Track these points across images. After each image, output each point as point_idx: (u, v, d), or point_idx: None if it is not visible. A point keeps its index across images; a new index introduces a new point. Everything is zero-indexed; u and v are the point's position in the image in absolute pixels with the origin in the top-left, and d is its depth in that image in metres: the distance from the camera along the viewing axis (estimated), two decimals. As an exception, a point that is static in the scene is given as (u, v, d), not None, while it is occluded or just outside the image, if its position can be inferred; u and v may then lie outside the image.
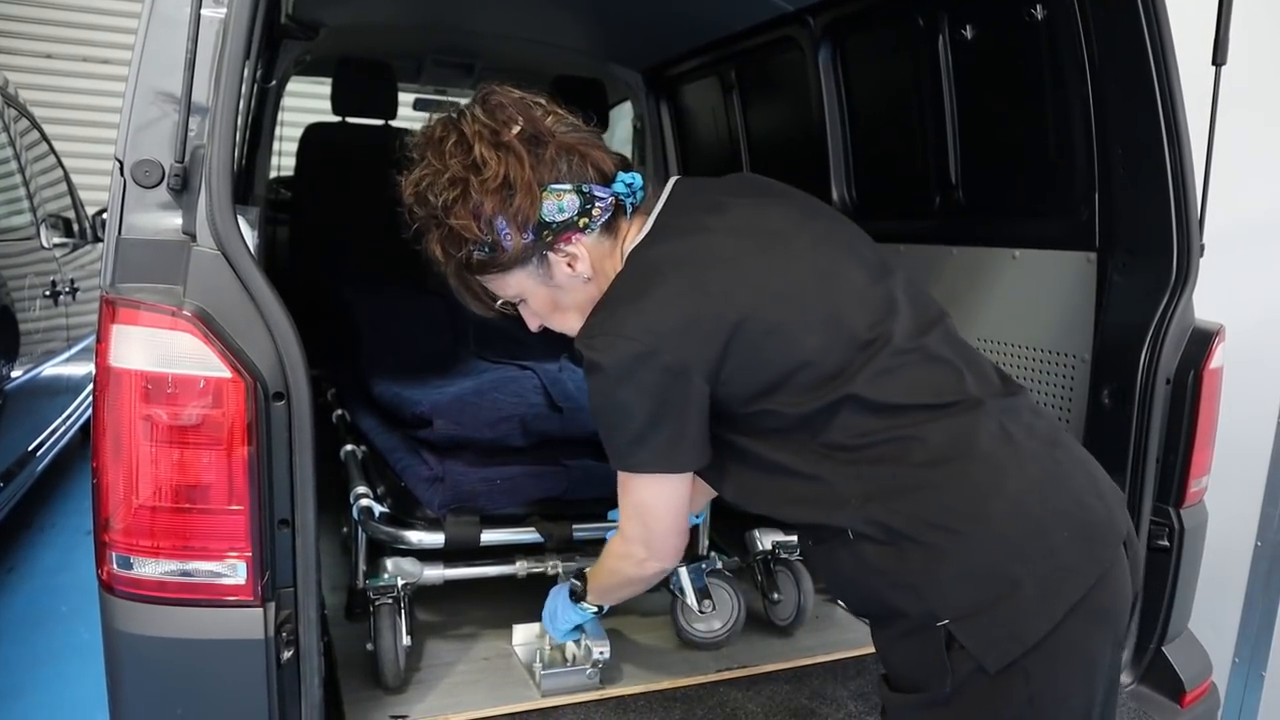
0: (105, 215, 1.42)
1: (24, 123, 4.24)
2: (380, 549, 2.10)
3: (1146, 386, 1.89)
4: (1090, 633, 1.24)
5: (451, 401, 2.19)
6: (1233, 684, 2.87)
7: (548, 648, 2.02)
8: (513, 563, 2.15)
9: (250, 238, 1.42)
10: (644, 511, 1.42)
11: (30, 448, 3.83)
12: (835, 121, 2.90)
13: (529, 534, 2.09)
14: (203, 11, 1.33)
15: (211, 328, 1.35)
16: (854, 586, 1.35)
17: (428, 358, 2.67)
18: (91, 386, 1.42)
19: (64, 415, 4.35)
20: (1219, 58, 1.84)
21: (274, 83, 3.22)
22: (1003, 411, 1.30)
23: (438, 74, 4.13)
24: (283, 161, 3.76)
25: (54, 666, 3.06)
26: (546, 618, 1.92)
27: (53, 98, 6.60)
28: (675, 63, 3.72)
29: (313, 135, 3.77)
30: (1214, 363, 1.92)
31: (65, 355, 4.19)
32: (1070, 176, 2.12)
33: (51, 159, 4.60)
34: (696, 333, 1.28)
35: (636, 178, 1.44)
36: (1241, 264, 2.56)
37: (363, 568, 2.14)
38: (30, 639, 3.24)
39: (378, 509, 2.06)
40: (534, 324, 1.53)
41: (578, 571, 1.85)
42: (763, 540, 2.36)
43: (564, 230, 1.38)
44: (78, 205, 4.79)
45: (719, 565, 2.26)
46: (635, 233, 1.43)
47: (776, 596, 2.31)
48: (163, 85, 1.37)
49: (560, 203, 1.36)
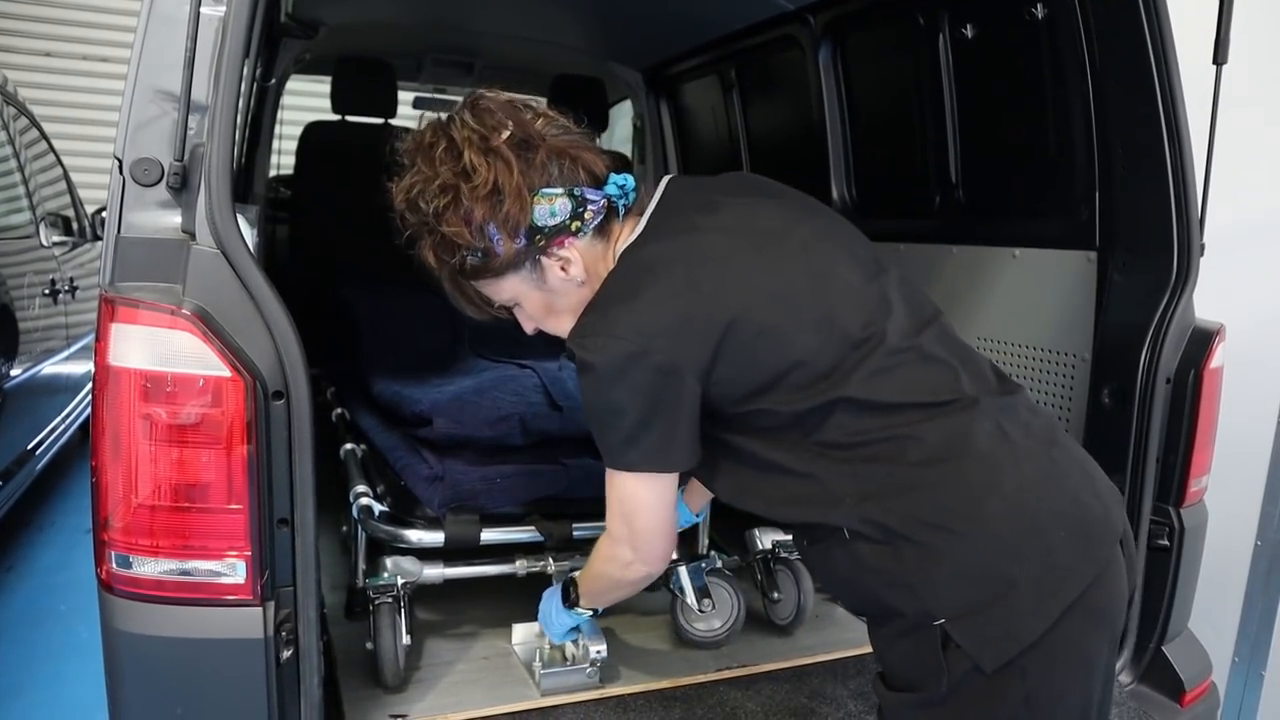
0: (104, 214, 1.42)
1: (23, 121, 4.24)
2: (380, 548, 2.10)
3: (1147, 386, 1.89)
4: (1087, 632, 1.24)
5: (451, 400, 2.19)
6: (1232, 683, 2.87)
7: (547, 647, 2.02)
8: (512, 562, 2.15)
9: (250, 236, 1.42)
10: (630, 510, 1.42)
11: (29, 446, 3.83)
12: (835, 120, 2.90)
13: (529, 533, 2.09)
14: (202, 10, 1.33)
15: (211, 326, 1.34)
16: (850, 585, 1.35)
17: (427, 356, 2.67)
18: (91, 385, 1.42)
19: (63, 414, 4.34)
20: (1220, 57, 1.83)
21: (273, 81, 3.22)
22: (999, 410, 1.30)
23: (437, 73, 4.13)
24: (282, 160, 3.76)
25: (53, 665, 3.06)
26: (542, 619, 1.93)
27: (52, 96, 6.60)
28: (675, 61, 3.72)
29: (312, 134, 3.76)
30: (1214, 362, 1.92)
31: (64, 354, 4.19)
32: (1070, 175, 2.11)
33: (51, 157, 4.60)
34: (688, 333, 1.28)
35: (628, 179, 1.43)
36: (1242, 263, 2.56)
37: (362, 567, 2.14)
38: (29, 638, 3.24)
39: (377, 508, 2.06)
40: (529, 327, 1.54)
41: (569, 576, 1.85)
42: (762, 539, 2.36)
43: (556, 234, 1.37)
44: (77, 204, 4.79)
45: (719, 564, 2.26)
46: (628, 233, 1.42)
47: (776, 596, 2.30)
48: (162, 83, 1.37)
49: (552, 207, 1.36)
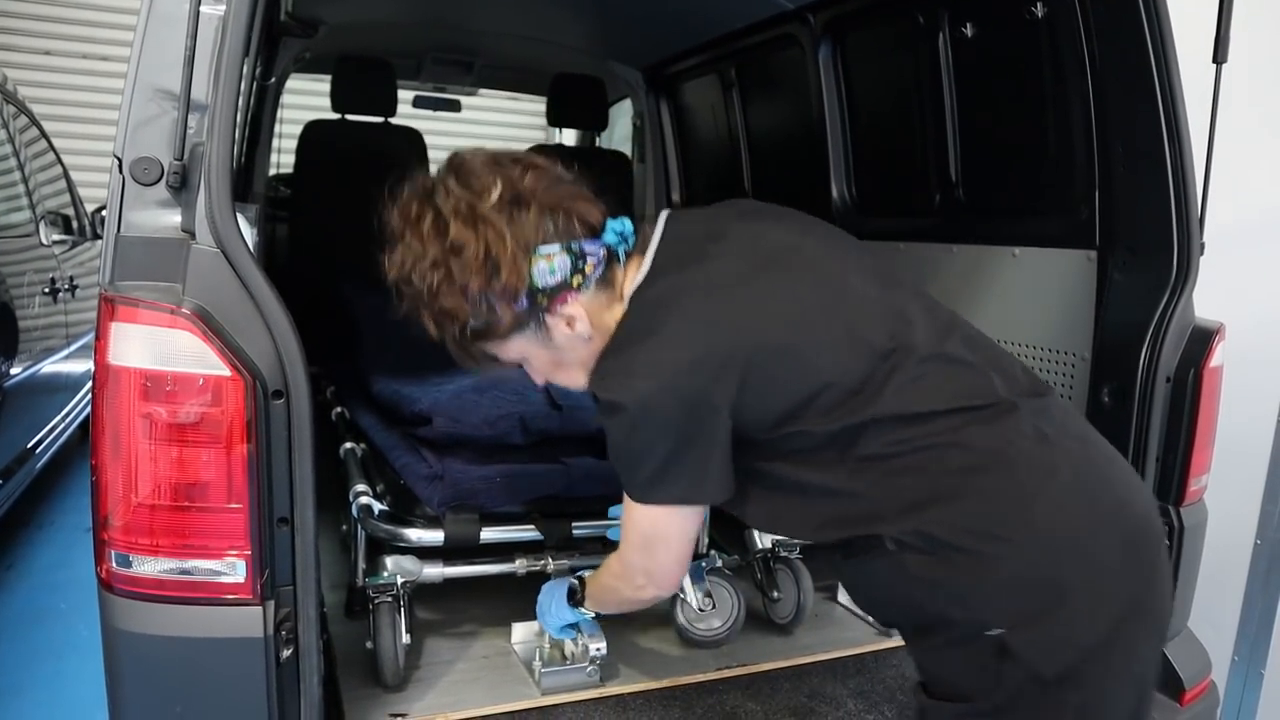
0: (104, 213, 1.42)
1: (23, 120, 4.23)
2: (379, 547, 2.10)
3: (1146, 385, 1.89)
4: (1138, 637, 1.22)
5: (451, 399, 2.19)
6: (1232, 682, 2.87)
7: (547, 646, 2.02)
8: (512, 561, 2.14)
9: (249, 235, 1.41)
10: (650, 541, 1.40)
11: (29, 445, 3.83)
12: (835, 119, 2.89)
13: (528, 532, 2.09)
14: (202, 8, 1.33)
15: (210, 326, 1.34)
16: (891, 598, 1.32)
17: (427, 355, 2.66)
18: (90, 384, 1.42)
19: (63, 413, 4.34)
20: (1220, 56, 1.83)
21: (273, 80, 3.22)
22: (1035, 412, 1.27)
23: (437, 72, 4.14)
24: (282, 159, 3.76)
25: (53, 664, 3.05)
26: (541, 611, 1.92)
27: (52, 95, 6.59)
28: (675, 60, 3.72)
29: (312, 133, 3.76)
30: (1214, 361, 1.92)
31: (64, 353, 4.18)
32: (1070, 175, 2.11)
33: (51, 156, 4.60)
34: (710, 364, 1.25)
35: (625, 223, 1.40)
36: (1242, 262, 2.55)
37: (362, 566, 2.14)
38: (29, 637, 3.24)
39: (377, 507, 2.06)
40: (539, 380, 1.52)
41: (579, 574, 1.85)
42: (762, 539, 2.36)
43: (558, 292, 1.35)
44: (77, 202, 4.78)
45: (719, 563, 2.26)
46: (634, 274, 1.39)
47: (776, 595, 2.31)
48: (162, 82, 1.36)
49: (550, 265, 1.33)
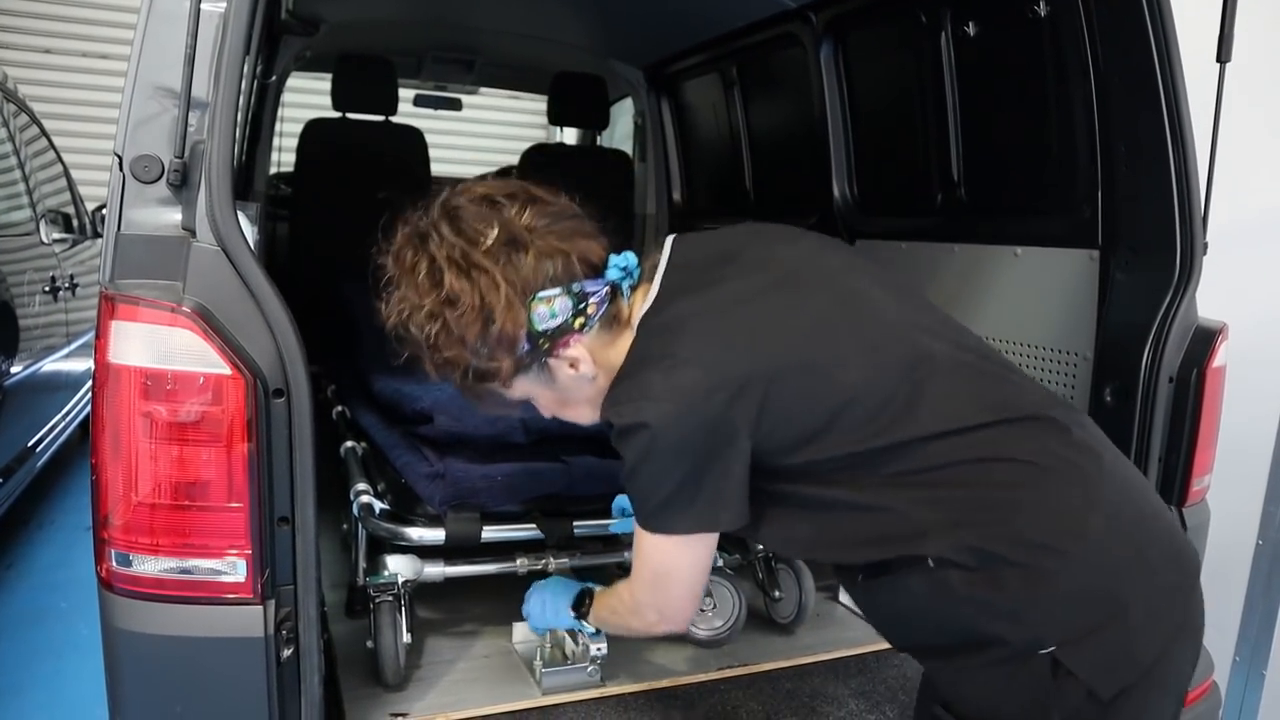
0: (105, 211, 1.42)
1: (23, 118, 4.23)
2: (380, 546, 2.10)
3: (1149, 385, 1.89)
4: (1185, 652, 1.21)
5: (452, 397, 2.18)
6: (1233, 683, 2.87)
7: (548, 646, 2.01)
8: (513, 560, 2.14)
9: (250, 234, 1.41)
10: (661, 573, 1.35)
11: (30, 444, 3.83)
12: (837, 118, 2.89)
13: (529, 531, 2.08)
14: (202, 6, 1.32)
15: (211, 324, 1.34)
16: (927, 618, 1.24)
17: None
18: (91, 383, 1.41)
19: (63, 411, 4.34)
20: (1223, 55, 1.82)
21: (274, 78, 3.22)
22: (1070, 424, 1.24)
23: (438, 70, 4.14)
24: (283, 157, 3.76)
25: (53, 663, 3.05)
26: (534, 610, 1.87)
27: (52, 93, 6.59)
28: (677, 59, 3.71)
29: (313, 131, 3.76)
30: (1217, 361, 1.91)
31: (65, 351, 4.18)
32: (1073, 174, 2.11)
33: (51, 154, 4.59)
34: (729, 385, 1.20)
35: (629, 258, 1.36)
36: (1245, 262, 2.55)
37: (363, 565, 2.14)
38: (29, 636, 3.24)
39: (378, 506, 2.06)
40: (547, 414, 1.49)
41: (586, 586, 1.80)
42: (763, 538, 2.35)
43: (560, 335, 1.31)
44: (77, 201, 4.78)
45: (720, 563, 2.25)
46: (641, 302, 1.35)
47: (778, 594, 2.30)
48: (162, 80, 1.36)
49: (551, 309, 1.29)
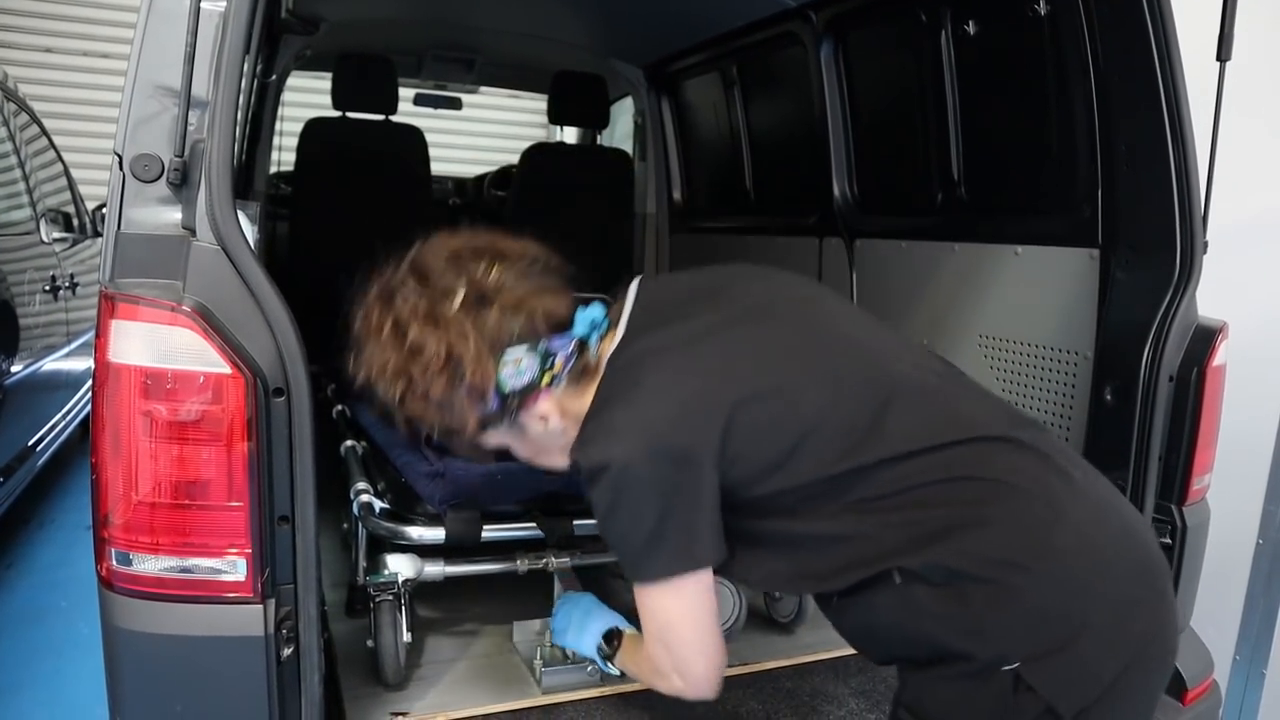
0: (105, 210, 1.42)
1: (24, 117, 4.23)
2: (380, 545, 2.09)
3: (1149, 384, 1.88)
4: (1151, 668, 1.21)
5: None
6: (1233, 682, 2.87)
7: (548, 645, 2.01)
8: (513, 559, 2.14)
9: (250, 233, 1.41)
10: (667, 632, 1.33)
11: (30, 443, 3.83)
12: (837, 117, 2.89)
13: (530, 530, 2.08)
14: (202, 5, 1.32)
15: (211, 323, 1.34)
16: (895, 633, 1.25)
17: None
18: (91, 382, 1.41)
19: (64, 410, 4.34)
20: (1224, 54, 1.82)
21: (274, 77, 3.22)
22: (1038, 442, 1.25)
23: (438, 69, 4.14)
24: (283, 156, 3.76)
25: (53, 662, 3.05)
26: (561, 624, 1.83)
27: (52, 92, 6.59)
28: (677, 58, 3.71)
29: (313, 130, 3.76)
30: (1217, 360, 1.91)
31: (65, 350, 4.18)
32: (1073, 173, 2.11)
33: (51, 153, 4.59)
34: (693, 417, 1.22)
35: (597, 311, 1.37)
36: (1245, 261, 2.55)
37: (363, 564, 2.13)
38: (29, 634, 3.24)
39: (378, 505, 2.05)
40: (523, 460, 1.51)
41: (614, 628, 1.75)
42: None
43: (529, 392, 1.33)
44: (77, 200, 4.78)
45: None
46: (609, 345, 1.37)
47: (777, 594, 2.30)
48: (162, 79, 1.36)
49: (518, 367, 1.30)
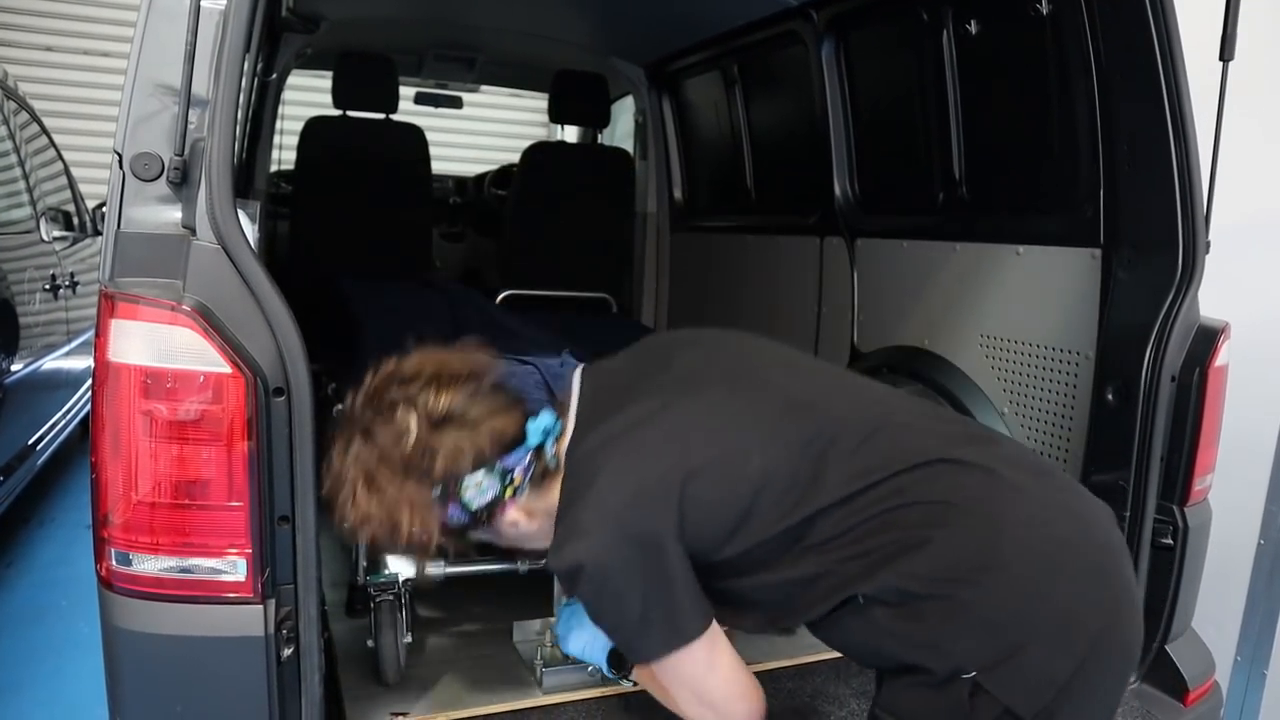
0: (105, 209, 1.41)
1: (24, 115, 4.23)
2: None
3: (1151, 384, 1.88)
4: (1110, 664, 1.22)
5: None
6: (1235, 682, 2.87)
7: (549, 645, 2.01)
8: (514, 559, 2.14)
9: (250, 232, 1.41)
10: (695, 685, 1.35)
11: (30, 442, 3.82)
12: (838, 117, 2.88)
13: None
14: (202, 4, 1.32)
15: (211, 322, 1.34)
16: (865, 649, 1.34)
17: (428, 352, 2.66)
18: (91, 381, 1.41)
19: (64, 409, 4.34)
20: (1226, 53, 1.82)
21: (274, 76, 3.21)
22: (983, 457, 1.30)
23: (439, 68, 4.13)
24: (283, 155, 3.75)
25: (53, 661, 3.05)
26: (565, 630, 1.76)
27: (53, 90, 6.58)
28: (678, 57, 3.70)
29: (313, 129, 3.75)
30: (1219, 360, 1.91)
31: (65, 349, 4.18)
32: (1075, 172, 2.10)
33: (51, 152, 4.59)
34: (649, 498, 1.27)
35: (546, 418, 1.43)
36: (1248, 261, 2.55)
37: (363, 564, 2.13)
38: (29, 634, 3.24)
39: (378, 505, 2.05)
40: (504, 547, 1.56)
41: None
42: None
43: (494, 506, 1.39)
44: (78, 198, 4.78)
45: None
46: (564, 442, 1.43)
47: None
48: (162, 78, 1.36)
49: (480, 488, 1.37)
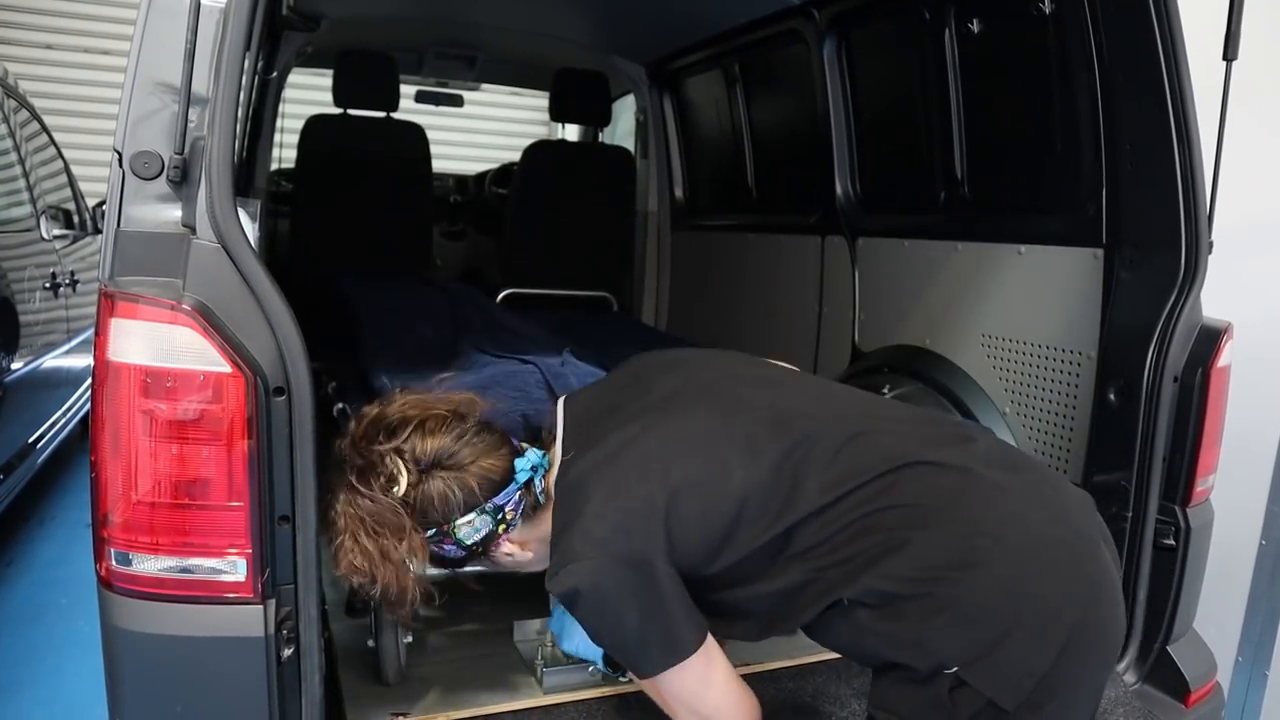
0: (105, 207, 1.41)
1: (24, 114, 4.22)
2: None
3: (1153, 384, 1.88)
4: (1089, 655, 1.24)
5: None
6: (1236, 683, 2.86)
7: (549, 645, 2.01)
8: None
9: (250, 230, 1.40)
10: (692, 701, 1.40)
11: (30, 440, 3.82)
12: (840, 116, 2.88)
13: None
14: (203, 2, 1.32)
15: (211, 321, 1.33)
16: (854, 649, 1.39)
17: (429, 351, 2.66)
18: (91, 379, 1.41)
19: (64, 408, 4.33)
20: (1230, 53, 1.82)
21: (275, 74, 3.21)
22: (961, 456, 1.33)
23: (439, 66, 4.13)
24: (284, 154, 3.75)
25: (53, 661, 3.05)
26: (559, 627, 1.80)
27: (53, 89, 6.57)
28: (679, 56, 3.70)
29: (314, 128, 3.75)
30: (1222, 361, 1.90)
31: (65, 348, 4.18)
32: (1077, 172, 2.10)
33: (51, 150, 4.58)
34: (635, 522, 1.32)
35: (534, 455, 1.51)
36: (1250, 261, 2.54)
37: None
38: (29, 633, 3.24)
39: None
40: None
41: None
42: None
43: (490, 540, 1.48)
44: (78, 197, 4.77)
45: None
46: (553, 474, 1.49)
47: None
48: (162, 76, 1.36)
49: (473, 527, 1.46)
